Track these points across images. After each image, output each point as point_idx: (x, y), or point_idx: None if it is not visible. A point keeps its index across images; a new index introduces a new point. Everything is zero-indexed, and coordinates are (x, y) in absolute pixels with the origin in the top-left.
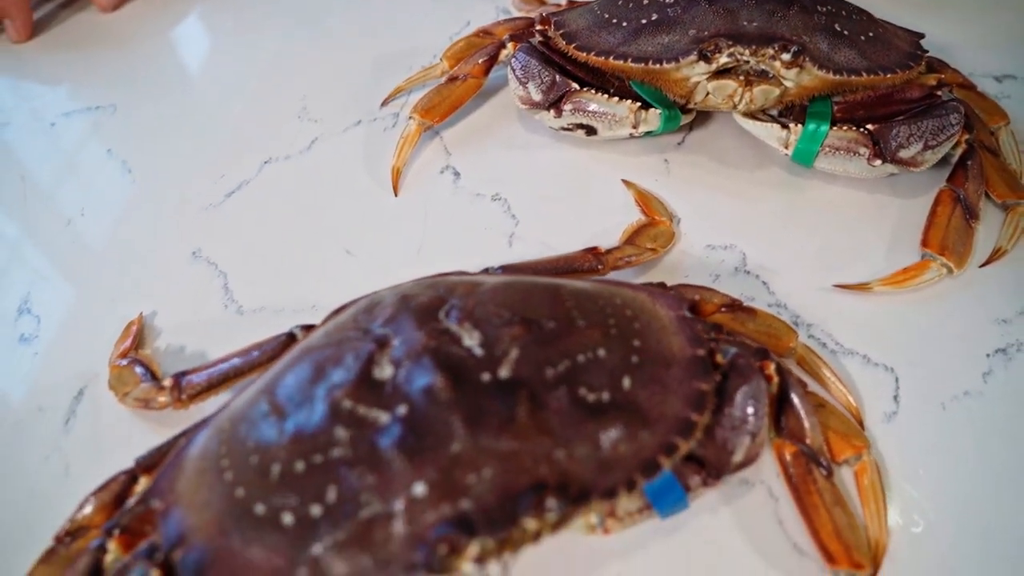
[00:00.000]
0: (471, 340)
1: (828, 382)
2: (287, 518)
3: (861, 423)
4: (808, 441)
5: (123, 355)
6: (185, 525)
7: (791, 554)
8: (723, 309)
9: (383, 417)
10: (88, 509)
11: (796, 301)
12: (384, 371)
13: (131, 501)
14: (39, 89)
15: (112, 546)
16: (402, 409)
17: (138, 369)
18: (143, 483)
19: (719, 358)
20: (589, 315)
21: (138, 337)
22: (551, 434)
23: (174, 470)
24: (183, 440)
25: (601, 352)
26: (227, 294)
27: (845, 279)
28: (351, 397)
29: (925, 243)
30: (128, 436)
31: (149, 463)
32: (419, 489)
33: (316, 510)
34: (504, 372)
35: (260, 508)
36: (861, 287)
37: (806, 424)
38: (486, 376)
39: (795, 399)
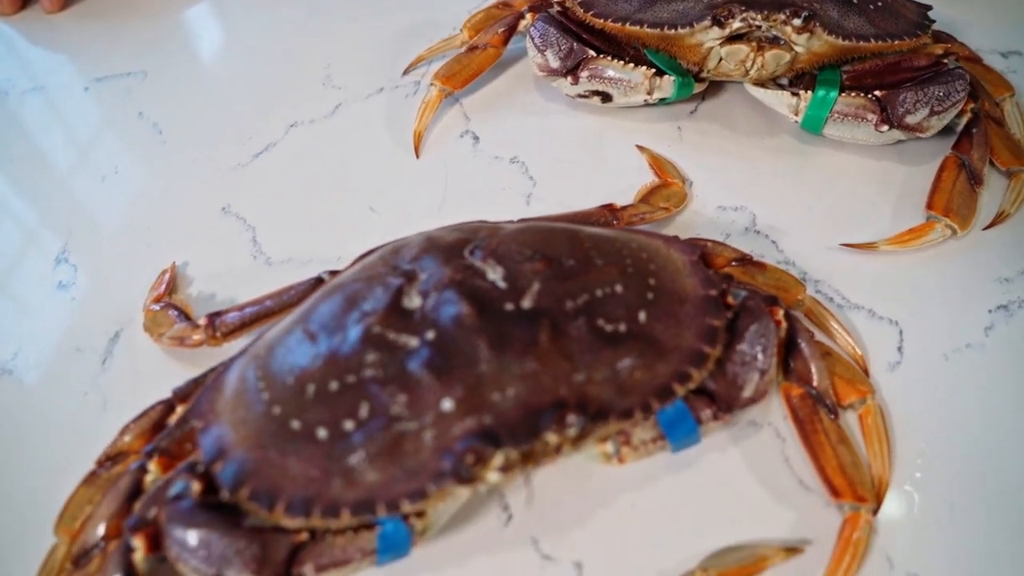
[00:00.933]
0: (495, 275)
1: (834, 332)
2: (322, 432)
3: (866, 371)
4: (815, 384)
5: (157, 300)
6: (224, 441)
7: (797, 490)
8: (733, 263)
9: (412, 341)
10: (128, 436)
11: (804, 259)
12: (413, 301)
13: (170, 426)
14: (72, 56)
15: (152, 467)
16: (430, 334)
17: (172, 312)
18: (180, 412)
19: (730, 299)
20: (606, 255)
21: (171, 284)
22: (571, 359)
23: (212, 392)
24: (219, 369)
25: (618, 288)
26: (255, 246)
27: (852, 239)
28: (381, 324)
29: (930, 206)
30: (163, 374)
31: (185, 393)
32: (447, 405)
33: (349, 425)
34: (526, 303)
35: (296, 424)
36: (867, 246)
37: (813, 368)
38: (509, 306)
39: (802, 344)
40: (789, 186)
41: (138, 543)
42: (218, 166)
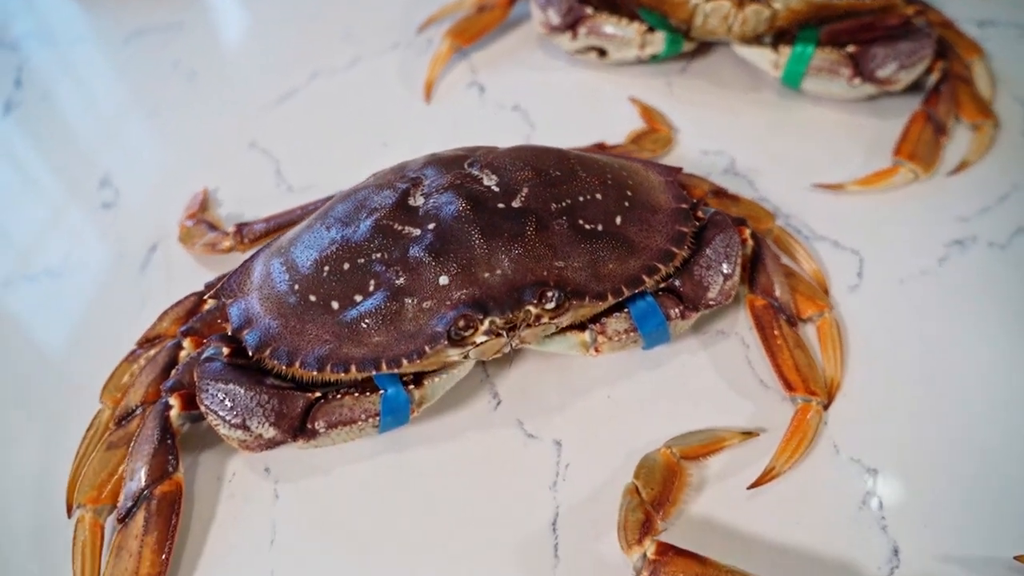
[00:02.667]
0: (489, 181)
1: (799, 257)
2: (335, 304)
3: (826, 291)
4: (777, 296)
5: (191, 217)
6: (250, 312)
7: (757, 388)
8: (709, 194)
9: (415, 231)
10: (165, 322)
11: (777, 197)
12: (417, 200)
13: (202, 312)
14: (112, 11)
15: (186, 344)
16: (431, 225)
17: (204, 226)
18: (211, 303)
19: (700, 214)
20: (589, 170)
21: (204, 204)
22: (553, 248)
23: (240, 275)
24: (246, 260)
25: (598, 195)
26: (279, 176)
27: (823, 182)
28: (389, 217)
29: (897, 152)
30: (195, 279)
31: (217, 291)
32: (443, 280)
33: (359, 297)
34: (516, 203)
35: (313, 297)
36: (836, 186)
37: (775, 282)
38: (501, 205)
39: (767, 261)
40: (768, 136)
41: (174, 401)
42: (246, 108)
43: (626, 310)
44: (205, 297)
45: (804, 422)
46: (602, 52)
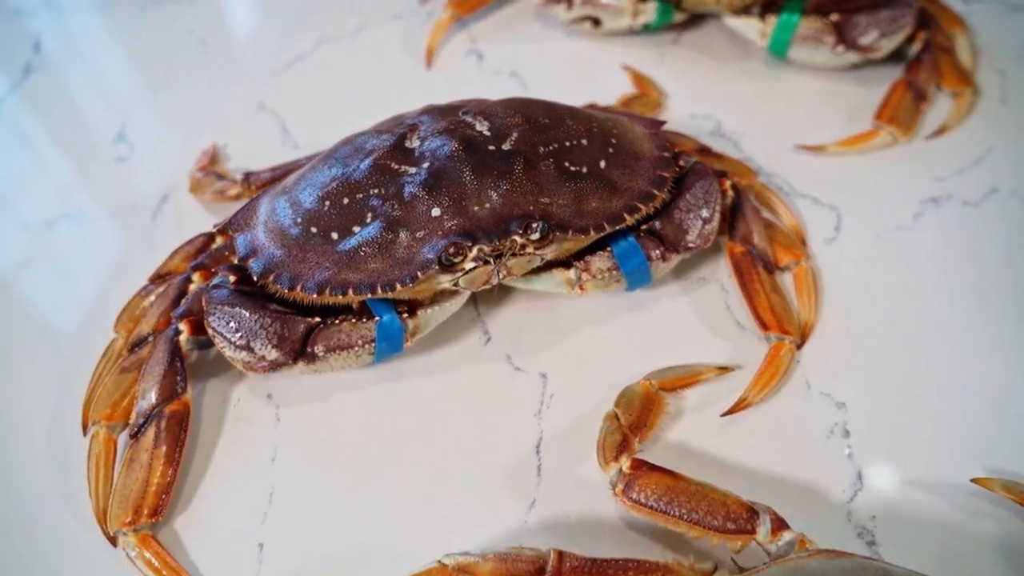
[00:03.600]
0: (482, 126)
1: (779, 211)
2: (335, 235)
3: (803, 242)
4: (755, 243)
5: (201, 169)
6: (255, 243)
7: (735, 329)
8: (694, 152)
9: (411, 169)
10: (175, 259)
11: (761, 158)
12: (413, 143)
13: (211, 250)
14: None
15: (195, 277)
16: (426, 164)
17: (213, 177)
18: (219, 241)
19: (682, 163)
20: (577, 119)
21: (213, 157)
22: (539, 186)
23: (247, 211)
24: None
25: (584, 141)
26: (285, 134)
27: (806, 143)
28: (386, 157)
29: (878, 116)
30: (204, 224)
31: (225, 226)
32: (435, 212)
33: (356, 228)
34: (506, 146)
35: (314, 229)
36: (818, 148)
37: (754, 231)
38: (492, 147)
39: (747, 211)
40: (755, 102)
41: (183, 327)
42: (255, 73)
43: (609, 249)
44: (214, 236)
45: (777, 358)
46: (596, 22)
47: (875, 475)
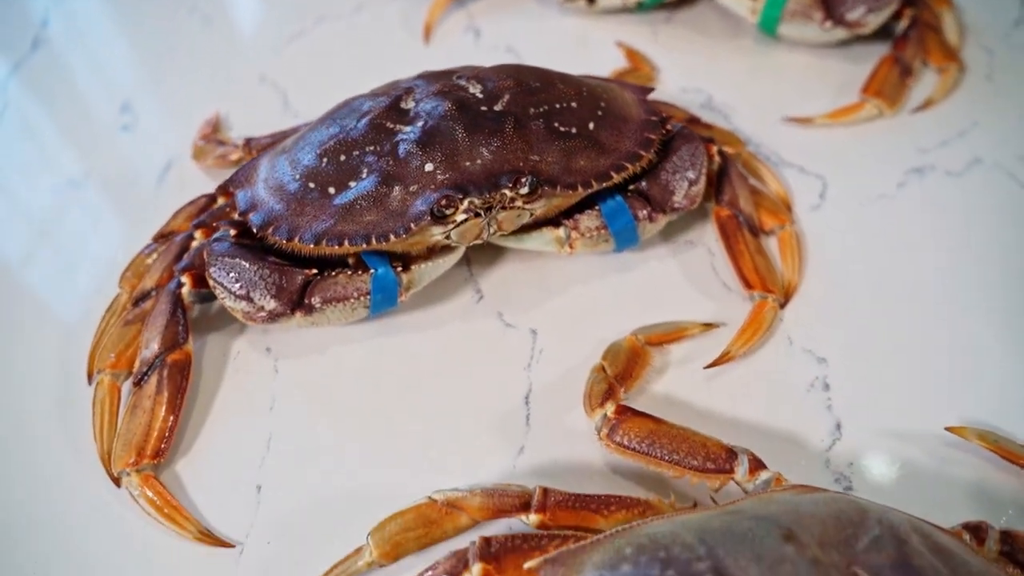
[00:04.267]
0: (475, 89)
1: (766, 178)
2: (331, 189)
3: (789, 208)
4: (741, 206)
5: (203, 137)
6: (255, 198)
7: (720, 289)
8: (683, 121)
9: (406, 128)
10: (178, 219)
11: (749, 129)
12: (408, 104)
13: (212, 209)
14: None
15: (197, 235)
16: (420, 123)
17: (215, 144)
18: (220, 201)
19: (669, 127)
20: (567, 83)
21: (215, 126)
22: (529, 144)
23: (247, 169)
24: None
25: (573, 104)
26: (286, 105)
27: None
28: (382, 117)
29: (864, 90)
30: (206, 188)
31: (226, 187)
32: (428, 167)
33: (352, 183)
34: (498, 107)
35: (312, 184)
36: (805, 120)
37: (740, 196)
38: (484, 108)
39: (733, 176)
40: (746, 78)
41: (185, 279)
42: (257, 49)
43: (597, 208)
44: (215, 196)
45: (760, 315)
46: (591, 0)
47: (853, 425)
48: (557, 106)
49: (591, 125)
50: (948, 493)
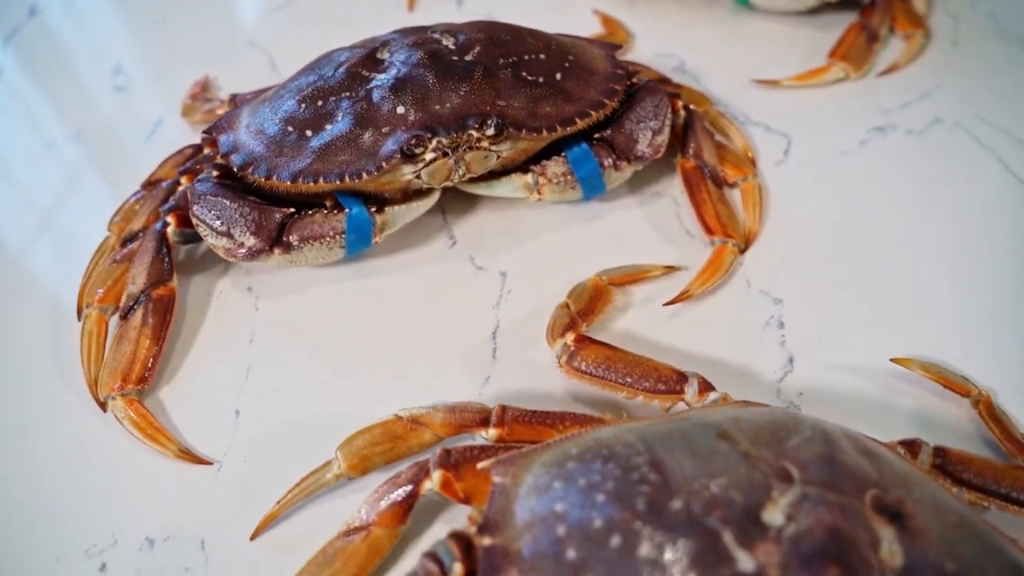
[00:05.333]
0: (447, 41)
1: (731, 135)
2: (309, 132)
3: (753, 162)
4: (705, 158)
5: (192, 96)
6: (237, 141)
7: (684, 236)
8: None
9: (380, 76)
10: (165, 168)
11: (719, 91)
12: (384, 55)
13: (198, 157)
14: None
15: (183, 180)
16: (393, 71)
17: (203, 102)
18: (206, 151)
19: (635, 80)
20: (537, 37)
21: (204, 86)
22: (497, 90)
23: (230, 115)
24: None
25: (542, 56)
26: (273, 68)
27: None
28: (358, 66)
29: (831, 54)
30: (193, 142)
31: (208, 129)
32: (400, 110)
33: (328, 126)
34: (468, 57)
35: (290, 128)
36: (773, 82)
37: (704, 148)
38: (455, 57)
39: (698, 130)
40: (718, 44)
41: (171, 219)
42: (246, 16)
43: (563, 155)
44: (201, 147)
45: (720, 258)
46: None
47: (804, 360)
48: (526, 57)
49: (558, 76)
50: (892, 420)
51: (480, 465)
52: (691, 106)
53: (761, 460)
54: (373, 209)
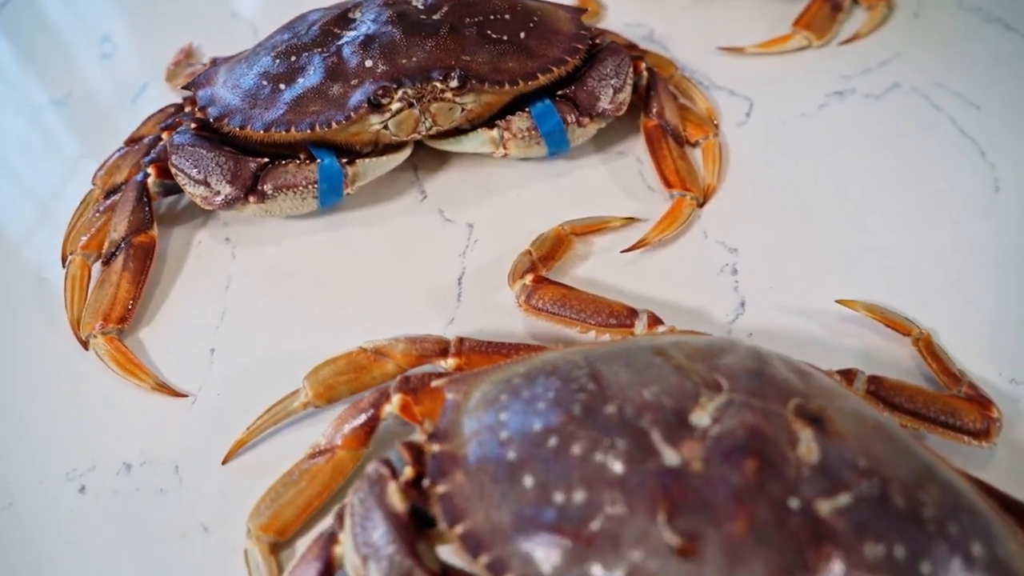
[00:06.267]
0: (417, 2)
1: (695, 97)
2: (282, 85)
3: (715, 123)
4: (667, 118)
5: (176, 63)
6: (214, 95)
7: (645, 191)
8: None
9: (351, 33)
10: (147, 125)
11: (686, 58)
12: (356, 14)
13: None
14: None
15: (164, 136)
16: (363, 28)
17: (186, 66)
18: (187, 110)
19: (598, 41)
20: (504, 0)
21: (188, 52)
22: (462, 46)
23: (208, 73)
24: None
25: (507, 16)
26: (256, 37)
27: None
28: (330, 24)
29: (795, 23)
30: None
31: (187, 85)
32: (368, 63)
33: (300, 78)
34: (436, 16)
35: (265, 82)
36: (738, 49)
37: (667, 107)
38: (423, 16)
39: (660, 90)
40: (688, 14)
41: (151, 171)
42: None
43: (527, 110)
44: (182, 105)
45: (678, 209)
46: None
47: (756, 303)
48: (491, 17)
49: (522, 34)
50: (837, 358)
51: (434, 383)
52: (655, 69)
53: (693, 372)
54: (344, 161)
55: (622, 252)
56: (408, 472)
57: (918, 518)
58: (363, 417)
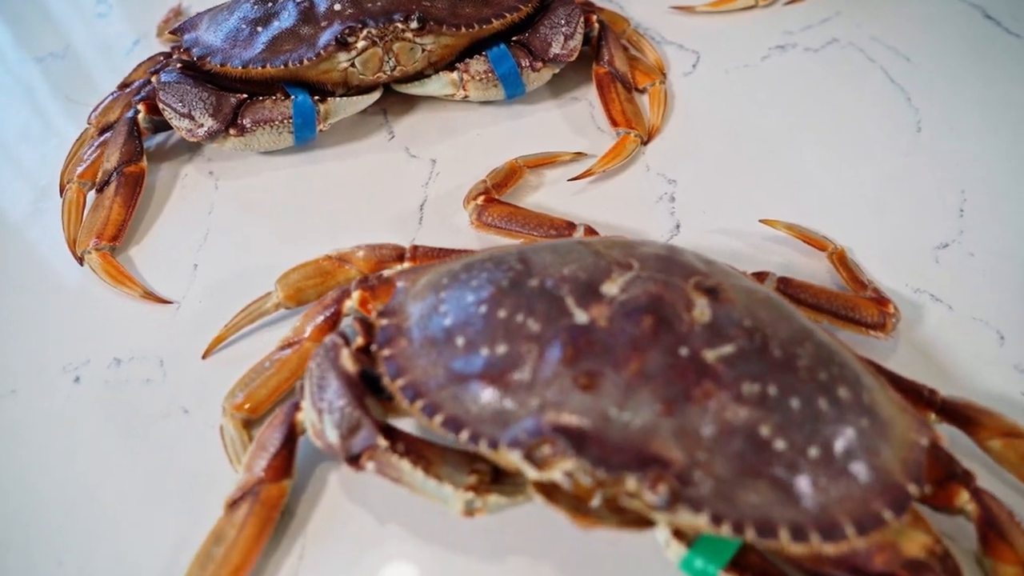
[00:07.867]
0: None
1: (645, 50)
2: (259, 28)
3: (663, 72)
4: (617, 66)
5: (166, 21)
6: (199, 38)
7: (595, 132)
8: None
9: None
10: (139, 71)
11: (641, 17)
12: None
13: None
14: None
15: (153, 79)
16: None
17: (174, 23)
18: (174, 56)
19: None
20: None
21: (177, 12)
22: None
23: (193, 19)
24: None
25: None
26: None
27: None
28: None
29: None
30: None
31: (173, 29)
32: (337, 7)
33: (276, 23)
34: None
35: (244, 26)
36: (688, 8)
37: (616, 56)
38: None
39: (610, 40)
40: None
41: (141, 107)
42: None
43: (484, 54)
44: (170, 53)
45: (622, 145)
46: None
47: (689, 226)
48: None
49: None
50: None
51: (386, 273)
52: (607, 23)
53: (609, 256)
54: (317, 99)
55: (569, 180)
56: (359, 341)
57: (792, 367)
58: (327, 312)
